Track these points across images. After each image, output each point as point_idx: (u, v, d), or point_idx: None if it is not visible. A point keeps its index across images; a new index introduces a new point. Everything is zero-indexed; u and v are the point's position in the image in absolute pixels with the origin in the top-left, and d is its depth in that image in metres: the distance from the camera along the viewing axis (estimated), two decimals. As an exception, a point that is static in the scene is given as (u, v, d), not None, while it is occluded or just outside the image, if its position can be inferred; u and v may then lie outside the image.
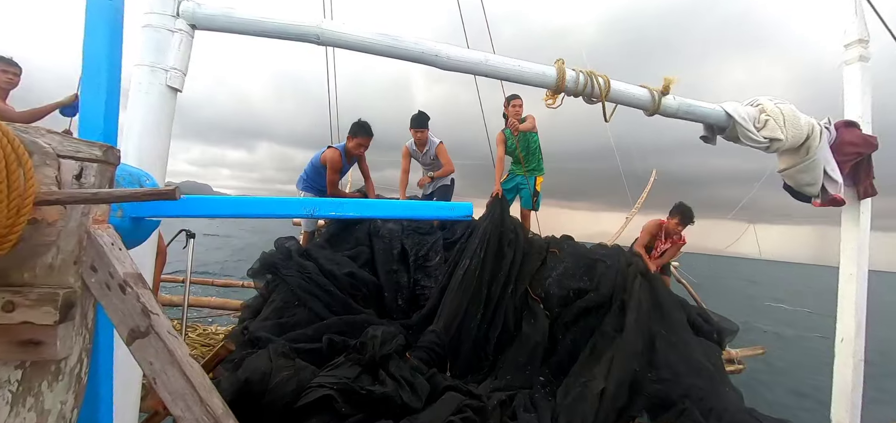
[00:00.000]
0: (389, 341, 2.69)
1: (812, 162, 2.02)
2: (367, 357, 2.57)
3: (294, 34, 1.28)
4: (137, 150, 1.27)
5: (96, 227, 0.77)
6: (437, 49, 1.38)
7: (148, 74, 1.25)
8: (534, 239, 4.16)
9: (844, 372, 2.51)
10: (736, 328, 4.18)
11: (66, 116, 3.10)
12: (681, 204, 4.46)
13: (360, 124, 3.99)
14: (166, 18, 1.24)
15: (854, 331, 2.45)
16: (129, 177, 0.95)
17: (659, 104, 1.68)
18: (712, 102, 1.86)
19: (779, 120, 1.90)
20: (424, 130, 4.39)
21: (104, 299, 0.77)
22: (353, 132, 3.96)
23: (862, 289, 2.48)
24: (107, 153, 0.75)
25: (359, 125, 3.98)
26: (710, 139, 1.98)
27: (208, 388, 0.84)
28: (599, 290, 3.53)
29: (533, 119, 4.34)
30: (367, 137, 4.02)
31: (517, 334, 3.43)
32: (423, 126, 4.36)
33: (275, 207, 1.00)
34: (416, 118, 4.36)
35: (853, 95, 2.30)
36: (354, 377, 2.48)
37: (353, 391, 2.37)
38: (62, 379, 0.79)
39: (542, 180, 4.62)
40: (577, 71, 1.56)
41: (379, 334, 2.70)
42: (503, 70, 1.49)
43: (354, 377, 2.48)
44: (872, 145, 2.23)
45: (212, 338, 3.44)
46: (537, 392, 3.04)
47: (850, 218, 2.40)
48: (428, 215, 1.83)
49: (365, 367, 2.57)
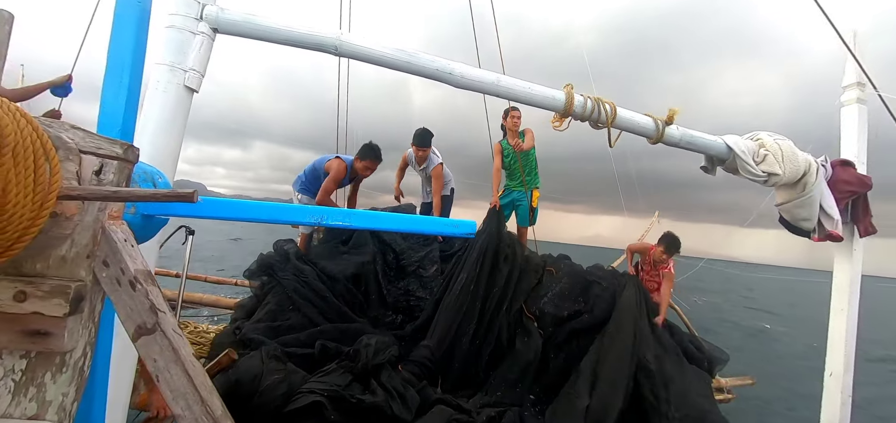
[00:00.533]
0: (383, 350, 2.68)
1: (809, 198, 2.07)
2: (359, 366, 2.56)
3: (313, 44, 1.30)
4: (151, 147, 1.28)
5: (111, 222, 0.78)
6: (452, 68, 1.41)
7: (167, 73, 1.27)
8: (530, 256, 4.17)
9: (832, 409, 2.52)
10: (726, 358, 4.20)
11: (57, 96, 3.07)
12: (668, 234, 4.51)
13: (371, 147, 3.90)
14: (190, 20, 1.26)
15: (843, 367, 2.47)
16: (143, 174, 0.96)
17: (662, 133, 1.72)
18: (714, 135, 1.90)
19: (777, 155, 1.94)
20: (426, 150, 4.35)
21: (114, 294, 0.78)
22: (364, 154, 3.87)
23: (852, 325, 2.50)
24: (127, 151, 0.76)
25: (370, 148, 3.89)
26: (709, 170, 2.02)
27: (209, 388, 0.84)
28: (594, 313, 3.54)
29: (533, 135, 4.33)
30: (376, 161, 3.95)
31: (510, 350, 3.43)
32: (424, 145, 4.32)
33: (283, 214, 1.01)
34: (418, 136, 4.30)
35: (850, 135, 2.35)
36: (345, 385, 2.47)
37: (343, 399, 2.36)
38: (66, 371, 0.79)
39: (539, 195, 4.63)
40: (585, 97, 1.60)
41: (373, 343, 2.69)
42: (514, 92, 1.52)
43: (345, 385, 2.47)
44: (867, 185, 2.28)
45: (202, 336, 3.41)
46: (527, 410, 3.03)
47: (844, 255, 2.44)
48: (431, 230, 1.84)
49: (356, 375, 2.56)
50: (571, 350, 3.43)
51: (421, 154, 4.36)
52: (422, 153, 4.34)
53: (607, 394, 2.84)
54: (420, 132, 4.31)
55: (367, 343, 2.66)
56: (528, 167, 4.46)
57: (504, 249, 3.76)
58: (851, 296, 2.46)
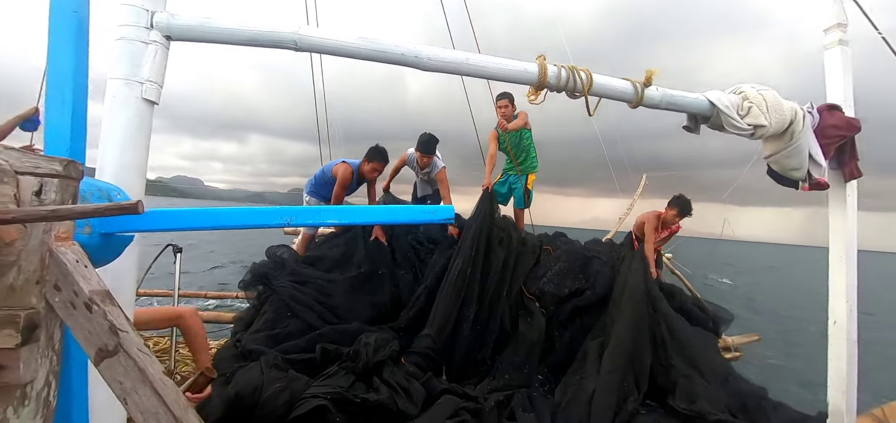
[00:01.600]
0: (383, 347, 2.66)
1: (796, 147, 2.03)
2: (360, 365, 2.54)
3: (271, 42, 1.26)
4: (116, 164, 1.24)
5: (59, 244, 0.74)
6: (418, 51, 1.36)
7: (123, 88, 1.22)
8: (527, 238, 4.15)
9: (838, 355, 2.51)
10: (731, 317, 4.20)
11: (26, 130, 2.93)
12: (680, 196, 4.48)
13: (377, 150, 3.90)
14: (140, 30, 1.21)
15: (846, 314, 2.46)
16: (98, 192, 0.92)
17: (642, 96, 1.68)
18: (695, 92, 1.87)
19: (762, 106, 1.91)
20: (431, 156, 4.26)
21: (70, 318, 0.74)
22: (370, 157, 3.88)
23: (852, 271, 2.48)
24: (68, 168, 0.73)
25: (377, 150, 3.89)
26: (692, 129, 1.99)
27: (183, 406, 0.81)
28: (595, 289, 3.51)
29: (525, 116, 4.33)
30: (383, 162, 3.96)
31: (514, 333, 3.41)
32: (430, 153, 4.22)
33: (249, 218, 0.97)
34: (424, 143, 4.17)
35: (835, 78, 2.31)
36: (348, 386, 2.45)
37: (347, 401, 2.34)
38: (28, 404, 0.76)
39: (535, 178, 4.63)
40: (559, 66, 1.55)
41: (372, 341, 2.67)
42: (485, 69, 1.48)
43: (348, 386, 2.45)
44: (855, 128, 2.25)
45: (204, 353, 3.38)
46: (535, 391, 3.02)
47: (837, 201, 2.41)
48: (409, 219, 1.81)
49: (359, 375, 2.54)
50: (576, 328, 3.42)
51: (426, 161, 4.28)
52: (427, 160, 4.27)
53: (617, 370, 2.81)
54: (425, 139, 4.19)
55: (367, 342, 2.64)
56: (523, 151, 4.47)
57: (498, 232, 3.73)
58: (849, 244, 2.44)
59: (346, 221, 1.04)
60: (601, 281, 3.55)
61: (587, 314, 3.44)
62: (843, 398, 2.45)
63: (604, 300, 3.43)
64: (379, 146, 3.92)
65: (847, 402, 2.45)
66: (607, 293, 3.44)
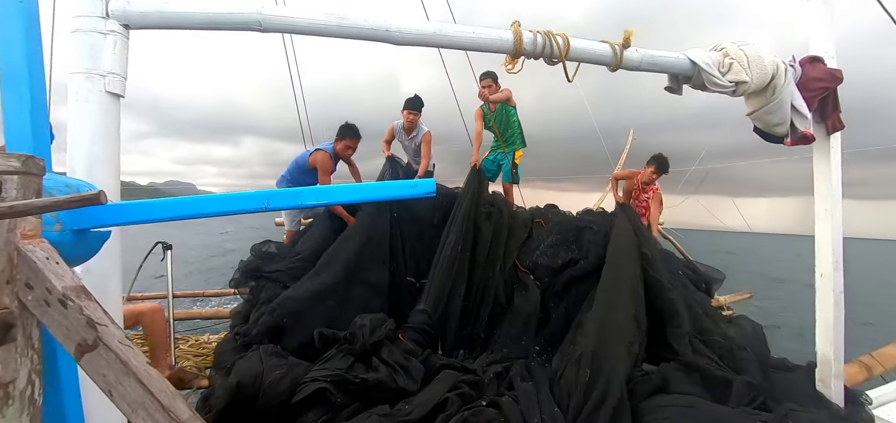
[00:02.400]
0: (379, 327, 2.69)
1: (779, 101, 2.03)
2: (357, 347, 2.57)
3: (233, 23, 1.22)
4: (86, 160, 1.21)
5: (26, 242, 0.74)
6: (388, 24, 1.33)
7: (84, 82, 1.19)
8: (518, 212, 4.16)
9: (826, 306, 2.56)
10: (722, 277, 4.27)
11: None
12: (658, 154, 4.49)
13: (347, 126, 3.98)
14: (96, 20, 1.17)
15: (832, 266, 2.50)
16: (65, 188, 0.91)
17: (621, 58, 1.66)
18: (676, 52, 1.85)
19: (743, 62, 1.89)
20: (417, 114, 4.38)
21: (45, 315, 0.74)
22: (341, 134, 3.95)
23: (837, 224, 2.52)
24: (27, 163, 0.71)
25: (347, 127, 3.97)
26: (675, 89, 1.97)
27: (171, 394, 0.82)
28: (588, 258, 3.53)
29: (508, 91, 4.33)
30: (355, 138, 4.01)
31: (509, 307, 3.45)
32: (416, 109, 4.36)
33: (226, 204, 0.96)
34: (411, 101, 4.37)
35: (817, 29, 2.30)
36: (347, 368, 2.48)
37: (347, 382, 2.38)
38: (13, 403, 0.76)
39: (522, 154, 4.62)
40: (535, 32, 1.53)
41: (368, 322, 2.69)
42: (459, 39, 1.45)
43: (347, 368, 2.48)
44: (838, 79, 2.24)
45: (204, 347, 3.41)
46: (533, 361, 3.07)
47: (821, 156, 2.43)
48: (389, 194, 1.80)
49: (357, 357, 2.58)
50: (571, 298, 3.45)
51: (412, 118, 4.36)
52: (413, 116, 4.35)
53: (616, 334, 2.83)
54: (412, 98, 4.36)
55: (362, 324, 2.67)
56: (509, 129, 4.47)
57: (486, 205, 3.74)
58: (833, 198, 2.47)
59: (323, 201, 1.03)
60: (594, 251, 3.57)
61: (581, 283, 3.47)
62: (831, 346, 2.51)
63: (598, 269, 3.47)
64: (349, 123, 3.99)
65: (834, 350, 2.51)
66: (601, 262, 3.48)
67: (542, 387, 2.69)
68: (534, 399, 2.39)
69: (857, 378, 2.81)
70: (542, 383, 2.74)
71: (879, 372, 2.90)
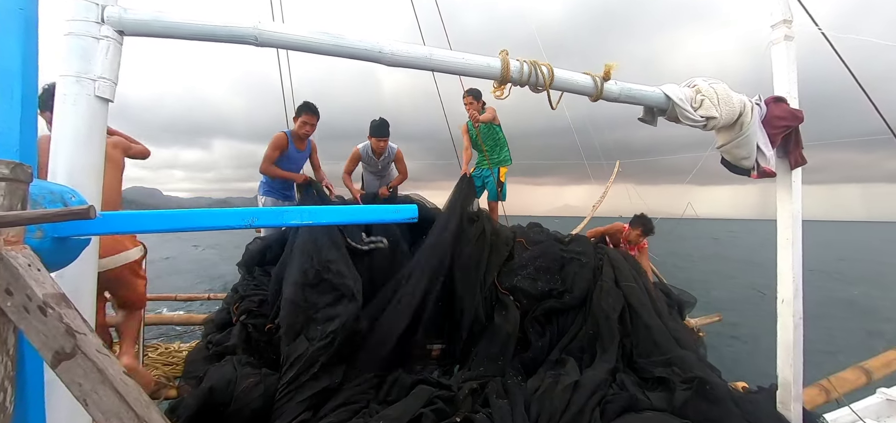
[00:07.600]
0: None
1: (746, 138, 2.17)
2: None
3: (230, 36, 1.24)
4: (69, 165, 1.20)
5: (10, 248, 0.73)
6: (381, 46, 1.38)
7: (74, 85, 1.18)
8: (500, 229, 4.19)
9: (786, 331, 2.69)
10: (694, 301, 4.42)
11: None
12: (642, 216, 4.64)
13: (304, 104, 3.90)
14: (90, 25, 1.17)
15: (792, 293, 2.64)
16: (50, 195, 0.90)
17: (601, 90, 1.75)
18: (652, 86, 1.96)
19: (713, 99, 2.02)
20: (386, 139, 4.24)
21: (23, 322, 0.74)
22: (297, 112, 3.87)
23: (798, 254, 2.66)
24: (15, 170, 0.72)
25: (303, 105, 3.89)
26: (649, 121, 2.09)
27: (145, 403, 0.82)
28: (573, 292, 3.49)
29: (493, 110, 4.41)
30: (312, 114, 3.88)
31: (489, 325, 3.45)
32: (385, 135, 4.21)
33: (209, 220, 0.97)
34: (378, 127, 4.17)
35: (780, 72, 2.46)
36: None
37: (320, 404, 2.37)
38: (-17, 410, 0.75)
39: (507, 171, 4.70)
40: (521, 61, 1.60)
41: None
42: (449, 64, 1.51)
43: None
44: (799, 118, 2.41)
45: (174, 356, 3.30)
46: (510, 379, 3.08)
47: (784, 189, 2.58)
48: (372, 218, 1.83)
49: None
50: (553, 329, 3.39)
51: (382, 145, 4.24)
52: (383, 143, 4.23)
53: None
54: (378, 123, 4.19)
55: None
56: (495, 145, 4.53)
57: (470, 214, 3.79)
58: (794, 228, 2.61)
59: (309, 221, 1.05)
60: (579, 285, 3.52)
61: (563, 316, 3.43)
62: (791, 370, 2.63)
63: (582, 304, 3.42)
64: (307, 101, 3.93)
65: (794, 373, 2.64)
66: (585, 297, 3.43)
67: (518, 405, 2.71)
68: (508, 417, 2.41)
69: (816, 401, 2.95)
70: (518, 401, 2.75)
71: (835, 396, 3.04)
